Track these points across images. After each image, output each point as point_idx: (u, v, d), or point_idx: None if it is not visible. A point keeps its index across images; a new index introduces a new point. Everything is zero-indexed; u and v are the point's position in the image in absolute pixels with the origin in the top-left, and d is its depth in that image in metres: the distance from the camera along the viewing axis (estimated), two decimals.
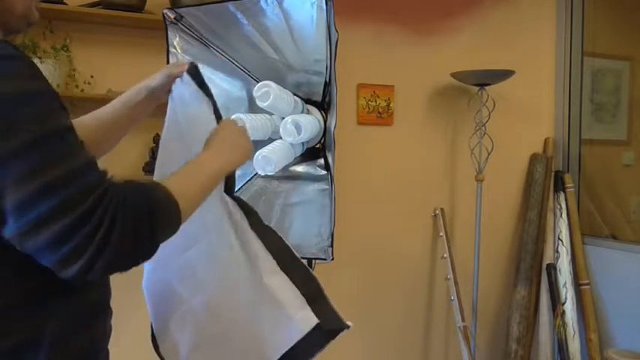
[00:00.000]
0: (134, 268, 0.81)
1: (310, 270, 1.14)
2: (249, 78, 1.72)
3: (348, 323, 1.07)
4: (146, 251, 0.80)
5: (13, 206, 0.71)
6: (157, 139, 2.19)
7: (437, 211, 2.82)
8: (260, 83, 1.56)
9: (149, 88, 1.20)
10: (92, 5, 2.07)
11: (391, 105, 2.71)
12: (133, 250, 0.77)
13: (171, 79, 1.19)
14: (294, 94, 1.66)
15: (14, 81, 0.73)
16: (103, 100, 2.12)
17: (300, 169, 1.76)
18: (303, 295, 1.07)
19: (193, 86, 1.14)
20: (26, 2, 0.87)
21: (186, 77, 1.15)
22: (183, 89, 1.16)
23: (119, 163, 2.18)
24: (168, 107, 1.19)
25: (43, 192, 0.70)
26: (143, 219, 0.78)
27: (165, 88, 1.21)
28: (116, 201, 0.75)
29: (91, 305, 0.90)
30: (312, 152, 1.74)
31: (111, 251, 0.74)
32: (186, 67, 1.17)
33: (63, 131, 0.75)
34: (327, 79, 1.62)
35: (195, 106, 1.14)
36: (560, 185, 2.97)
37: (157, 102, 1.24)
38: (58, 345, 0.83)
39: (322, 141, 1.71)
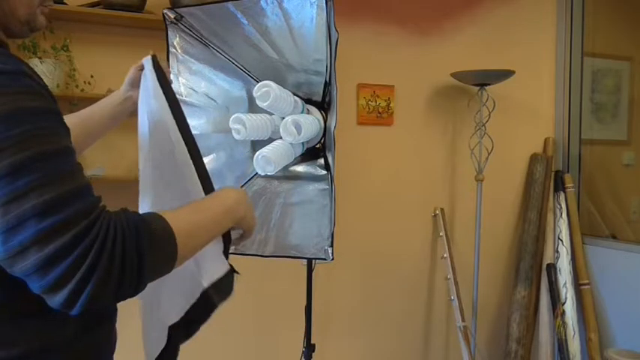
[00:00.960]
0: None
1: None
2: (249, 78, 1.72)
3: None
4: (132, 285, 0.75)
5: (1, 228, 0.69)
6: None
7: (437, 211, 2.82)
8: (260, 83, 1.56)
9: (118, 94, 1.25)
10: (92, 5, 2.08)
11: (391, 105, 2.71)
12: (119, 283, 0.73)
13: (136, 72, 1.22)
14: (294, 94, 1.65)
15: (10, 99, 0.70)
16: None
17: (300, 169, 1.76)
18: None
19: (153, 77, 1.12)
20: (30, 7, 0.84)
21: (148, 65, 1.13)
22: (147, 81, 1.14)
23: (119, 163, 2.18)
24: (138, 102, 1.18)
25: (32, 215, 0.68)
26: (132, 253, 0.74)
27: (136, 83, 1.21)
28: (105, 231, 0.72)
29: (97, 310, 0.88)
30: (312, 152, 1.74)
31: (95, 283, 0.70)
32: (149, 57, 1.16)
33: (57, 153, 0.72)
34: (327, 79, 1.62)
35: (153, 100, 1.11)
36: (560, 185, 2.97)
37: (125, 112, 1.27)
38: (65, 352, 0.82)
39: (322, 141, 1.71)
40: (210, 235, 0.93)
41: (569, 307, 2.79)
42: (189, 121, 1.12)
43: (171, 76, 1.62)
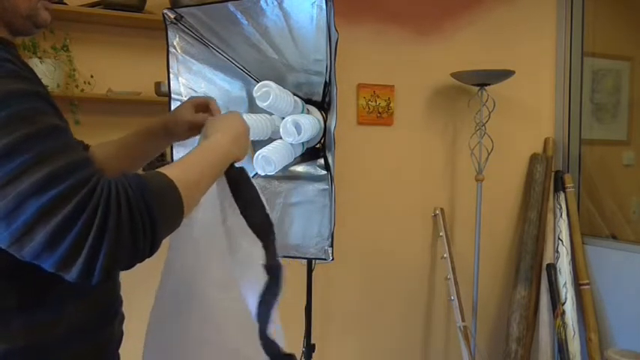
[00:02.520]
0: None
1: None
2: (249, 78, 1.72)
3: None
4: (148, 243, 0.74)
5: (1, 213, 0.68)
6: None
7: (437, 211, 2.82)
8: (260, 83, 1.56)
9: (164, 125, 1.18)
10: (92, 5, 2.08)
11: (391, 105, 2.71)
12: (133, 243, 0.72)
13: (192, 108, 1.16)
14: (294, 94, 1.65)
15: None
16: (103, 100, 2.13)
17: (300, 169, 1.76)
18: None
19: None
20: (31, 2, 0.84)
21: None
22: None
23: None
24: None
25: (30, 194, 0.68)
26: (139, 206, 0.73)
27: (186, 118, 1.15)
28: (107, 194, 0.71)
29: (94, 311, 0.88)
30: (312, 152, 1.74)
31: (109, 244, 0.70)
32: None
33: (46, 132, 0.72)
34: (327, 79, 1.62)
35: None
36: (560, 185, 2.97)
37: (172, 139, 1.21)
38: (55, 353, 0.82)
39: (322, 141, 1.71)
40: (210, 180, 0.93)
41: (569, 307, 2.79)
42: None
43: (171, 76, 1.63)
